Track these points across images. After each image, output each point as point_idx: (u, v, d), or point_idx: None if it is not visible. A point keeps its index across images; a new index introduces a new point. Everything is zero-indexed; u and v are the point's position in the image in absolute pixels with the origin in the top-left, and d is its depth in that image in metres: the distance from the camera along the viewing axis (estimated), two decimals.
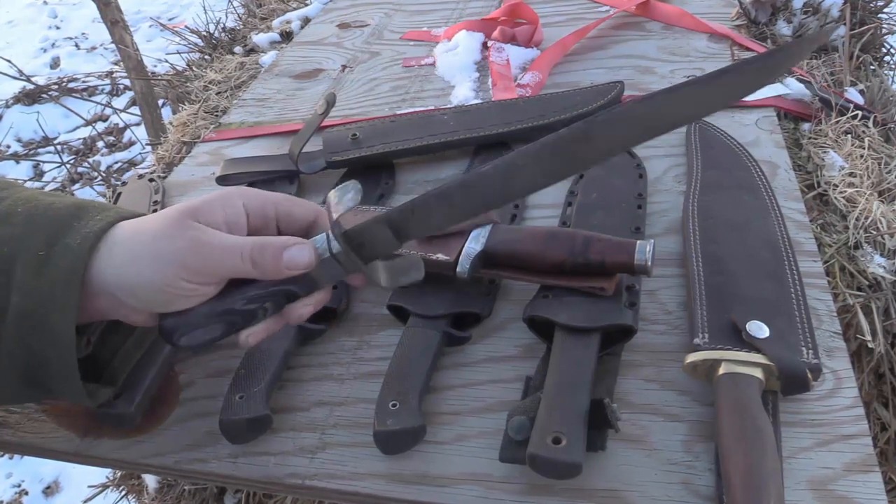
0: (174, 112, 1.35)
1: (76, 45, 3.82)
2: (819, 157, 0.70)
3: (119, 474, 0.89)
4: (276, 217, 0.48)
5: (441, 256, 0.55)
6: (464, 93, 0.88)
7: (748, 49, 0.87)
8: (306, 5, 1.28)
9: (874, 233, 0.61)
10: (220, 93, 1.05)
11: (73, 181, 2.79)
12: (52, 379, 0.43)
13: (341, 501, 0.48)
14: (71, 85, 3.25)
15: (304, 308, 0.47)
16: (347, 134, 0.78)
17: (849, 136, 0.71)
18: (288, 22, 1.22)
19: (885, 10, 1.00)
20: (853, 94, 0.78)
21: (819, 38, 0.50)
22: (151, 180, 0.83)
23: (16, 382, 0.44)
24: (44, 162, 2.89)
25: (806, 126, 0.75)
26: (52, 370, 0.43)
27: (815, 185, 0.68)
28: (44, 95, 3.18)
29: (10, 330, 0.41)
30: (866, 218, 0.62)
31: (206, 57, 1.28)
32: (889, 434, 0.64)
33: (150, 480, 0.82)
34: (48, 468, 1.80)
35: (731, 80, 0.40)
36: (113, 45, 2.63)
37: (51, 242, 0.42)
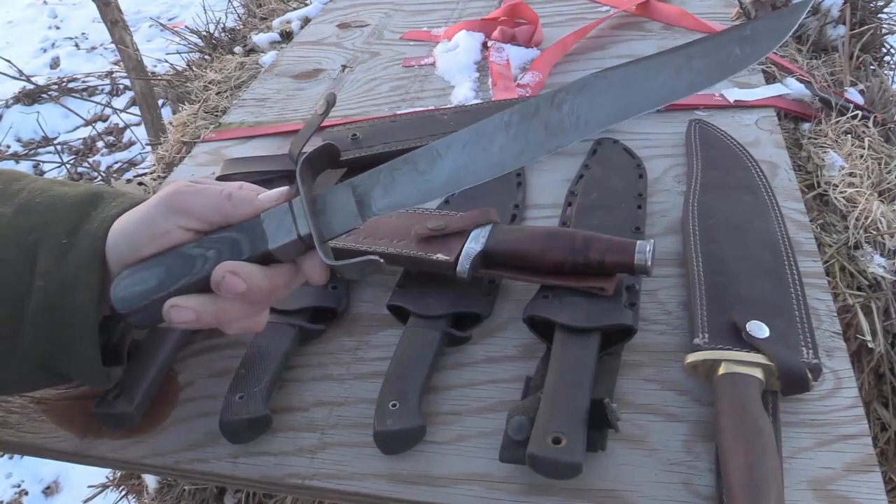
0: (174, 112, 1.35)
1: (76, 45, 3.82)
2: (819, 157, 0.70)
3: (119, 474, 0.89)
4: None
5: (441, 256, 0.55)
6: (464, 93, 0.88)
7: None
8: (306, 5, 1.28)
9: (874, 233, 0.61)
10: (220, 93, 1.05)
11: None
12: (72, 361, 0.45)
13: (341, 501, 0.48)
14: (71, 85, 3.25)
15: (313, 267, 0.46)
16: (347, 134, 0.78)
17: (849, 136, 0.71)
18: (288, 22, 1.22)
19: (885, 10, 1.00)
20: (853, 94, 0.78)
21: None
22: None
23: (33, 369, 0.46)
24: (44, 162, 2.89)
25: (806, 126, 0.75)
26: (74, 351, 0.44)
27: (815, 185, 0.68)
28: (44, 95, 3.18)
29: (31, 316, 0.44)
30: (866, 218, 0.62)
31: (206, 57, 1.28)
32: (889, 434, 0.64)
33: (150, 480, 0.82)
34: (48, 468, 1.80)
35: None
36: (113, 45, 2.63)
37: (73, 231, 0.45)
